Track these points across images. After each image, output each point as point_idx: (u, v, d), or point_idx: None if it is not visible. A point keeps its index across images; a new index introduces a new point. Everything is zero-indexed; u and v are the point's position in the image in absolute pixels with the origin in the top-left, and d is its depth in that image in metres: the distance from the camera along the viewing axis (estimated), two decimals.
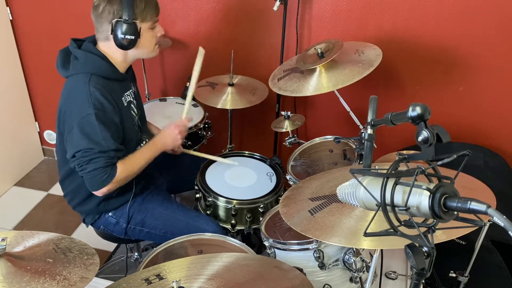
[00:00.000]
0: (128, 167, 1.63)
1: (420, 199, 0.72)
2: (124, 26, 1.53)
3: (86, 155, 1.53)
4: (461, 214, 0.72)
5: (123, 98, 1.68)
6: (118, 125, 1.60)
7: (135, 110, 1.77)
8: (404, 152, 1.14)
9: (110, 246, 2.39)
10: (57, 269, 1.03)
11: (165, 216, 1.78)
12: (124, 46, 1.57)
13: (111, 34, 1.55)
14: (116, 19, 1.53)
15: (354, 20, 2.16)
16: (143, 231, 1.80)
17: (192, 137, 2.22)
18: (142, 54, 1.68)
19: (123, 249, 2.35)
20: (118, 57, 1.63)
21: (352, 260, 1.38)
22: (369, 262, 1.42)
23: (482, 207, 0.66)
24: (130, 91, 1.75)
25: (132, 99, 1.75)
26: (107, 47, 1.62)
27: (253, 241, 2.11)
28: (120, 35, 1.54)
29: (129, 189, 1.76)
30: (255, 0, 2.26)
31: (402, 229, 0.76)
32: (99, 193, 1.61)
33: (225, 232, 1.81)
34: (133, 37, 1.55)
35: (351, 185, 0.89)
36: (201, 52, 1.91)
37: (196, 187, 1.88)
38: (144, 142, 1.83)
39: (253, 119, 2.61)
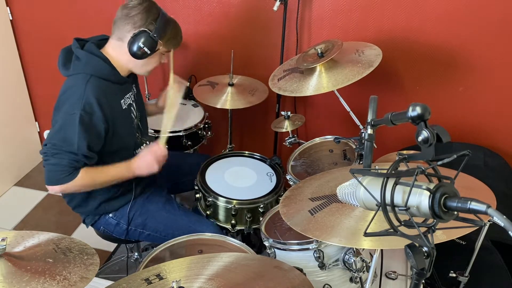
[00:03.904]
0: (90, 177, 1.59)
1: (420, 199, 0.72)
2: (148, 39, 1.56)
3: (53, 148, 1.52)
4: (461, 214, 0.72)
5: (122, 100, 1.67)
6: (100, 135, 1.57)
7: (135, 112, 1.77)
8: (404, 152, 1.14)
9: (110, 246, 2.39)
10: (57, 269, 1.03)
11: (167, 219, 1.78)
12: (136, 54, 1.58)
13: (131, 38, 1.56)
14: (144, 29, 1.55)
15: (354, 20, 2.16)
16: (144, 233, 1.80)
17: (192, 137, 2.22)
18: (140, 69, 1.68)
19: (123, 249, 2.35)
20: (122, 61, 1.63)
21: (352, 260, 1.38)
22: (369, 262, 1.42)
23: (482, 207, 0.65)
24: (130, 93, 1.74)
25: (132, 102, 1.74)
26: (115, 48, 1.62)
27: (253, 241, 2.11)
28: (139, 43, 1.55)
29: (129, 190, 1.76)
30: (255, 0, 2.26)
31: (402, 229, 0.76)
32: (52, 189, 1.57)
33: (225, 232, 1.81)
34: (149, 52, 1.58)
35: (351, 185, 0.89)
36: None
37: (196, 187, 1.88)
38: (144, 145, 1.82)
39: (253, 119, 2.61)
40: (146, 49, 1.57)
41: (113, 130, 1.62)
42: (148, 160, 1.67)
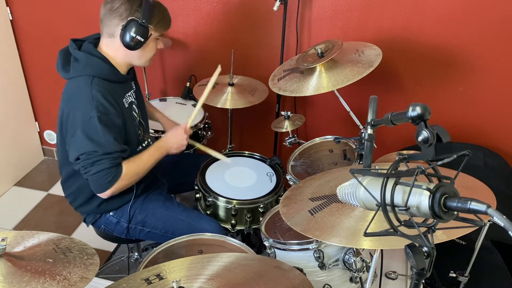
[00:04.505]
0: (133, 167, 1.64)
1: (420, 199, 0.72)
2: (138, 27, 1.54)
3: (89, 157, 1.53)
4: (461, 214, 0.72)
5: (124, 99, 1.67)
6: (121, 127, 1.60)
7: (137, 110, 1.77)
8: (404, 152, 1.14)
9: (110, 246, 2.39)
10: (57, 269, 1.03)
11: (166, 216, 1.78)
12: (131, 46, 1.56)
13: (121, 30, 1.54)
14: (131, 18, 1.53)
15: (354, 20, 2.16)
16: (144, 231, 1.80)
17: (192, 137, 2.22)
18: (138, 60, 1.67)
19: (123, 249, 2.35)
20: (118, 57, 1.63)
21: (352, 260, 1.38)
22: (369, 262, 1.42)
23: (482, 207, 0.65)
24: (132, 91, 1.74)
25: (133, 99, 1.75)
26: (109, 45, 1.61)
27: (253, 241, 2.11)
28: (131, 34, 1.53)
29: (130, 190, 1.76)
30: (255, 0, 2.26)
31: (402, 229, 0.76)
32: (104, 195, 1.61)
33: (226, 232, 1.82)
34: (142, 40, 1.56)
35: (351, 185, 0.89)
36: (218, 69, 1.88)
37: (196, 187, 1.88)
38: (146, 142, 1.82)
39: (253, 119, 2.61)
40: (139, 38, 1.55)
41: (124, 125, 1.63)
42: (179, 137, 1.77)
